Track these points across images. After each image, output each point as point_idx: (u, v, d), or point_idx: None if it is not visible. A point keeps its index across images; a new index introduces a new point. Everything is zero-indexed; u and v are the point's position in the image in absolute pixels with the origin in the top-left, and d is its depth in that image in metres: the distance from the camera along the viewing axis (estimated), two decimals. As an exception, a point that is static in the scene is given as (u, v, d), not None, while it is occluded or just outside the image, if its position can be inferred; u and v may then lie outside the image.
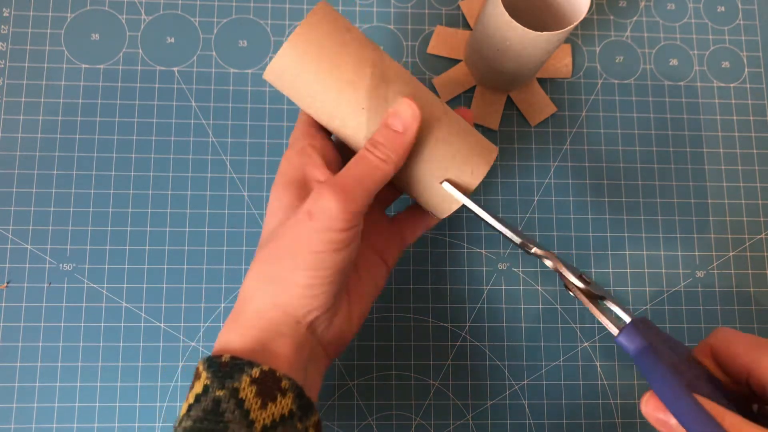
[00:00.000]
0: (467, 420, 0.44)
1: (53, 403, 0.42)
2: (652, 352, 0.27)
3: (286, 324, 0.31)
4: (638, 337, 0.28)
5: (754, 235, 0.47)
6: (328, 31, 0.31)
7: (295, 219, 0.31)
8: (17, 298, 0.43)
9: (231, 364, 0.29)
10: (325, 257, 0.30)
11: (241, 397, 0.28)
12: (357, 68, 0.31)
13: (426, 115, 0.32)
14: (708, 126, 0.49)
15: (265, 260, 0.32)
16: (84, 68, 0.46)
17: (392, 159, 0.31)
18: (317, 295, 0.31)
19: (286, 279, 0.31)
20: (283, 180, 0.33)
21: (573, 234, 0.46)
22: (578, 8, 0.40)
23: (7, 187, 0.44)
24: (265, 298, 0.31)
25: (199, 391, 0.29)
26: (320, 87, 0.32)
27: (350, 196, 0.30)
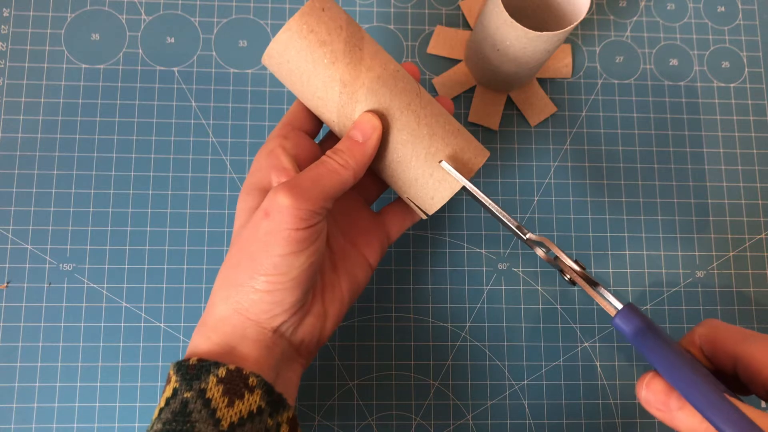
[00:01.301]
0: (467, 420, 0.44)
1: (53, 403, 0.42)
2: (653, 331, 0.28)
3: (250, 328, 0.31)
4: (636, 318, 0.28)
5: (754, 235, 0.47)
6: (321, 28, 0.32)
7: (254, 221, 0.31)
8: (17, 298, 0.43)
9: (198, 366, 0.29)
10: (284, 260, 0.30)
11: (208, 397, 0.28)
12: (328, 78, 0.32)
13: (398, 114, 0.33)
14: (708, 126, 0.49)
15: (227, 265, 0.32)
16: (84, 68, 0.46)
17: (350, 165, 0.32)
18: (279, 301, 0.31)
19: (245, 284, 0.31)
20: (249, 181, 0.34)
21: (573, 234, 0.46)
22: (578, 8, 0.40)
23: (7, 187, 0.44)
24: (228, 304, 0.31)
25: (168, 395, 0.29)
26: (305, 79, 0.32)
27: (305, 194, 0.30)
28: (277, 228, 0.30)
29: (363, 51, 0.32)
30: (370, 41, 0.33)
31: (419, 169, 0.33)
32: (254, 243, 0.30)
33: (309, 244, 0.30)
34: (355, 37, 0.32)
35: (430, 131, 0.33)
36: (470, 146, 0.34)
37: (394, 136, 0.33)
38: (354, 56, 0.32)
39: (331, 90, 0.32)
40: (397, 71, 0.34)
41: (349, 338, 0.44)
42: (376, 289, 0.45)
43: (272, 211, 0.30)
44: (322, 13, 0.32)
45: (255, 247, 0.30)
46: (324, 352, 0.44)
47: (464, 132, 0.35)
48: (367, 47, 0.32)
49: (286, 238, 0.30)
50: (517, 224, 0.33)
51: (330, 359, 0.44)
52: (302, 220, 0.30)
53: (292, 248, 0.30)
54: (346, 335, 0.44)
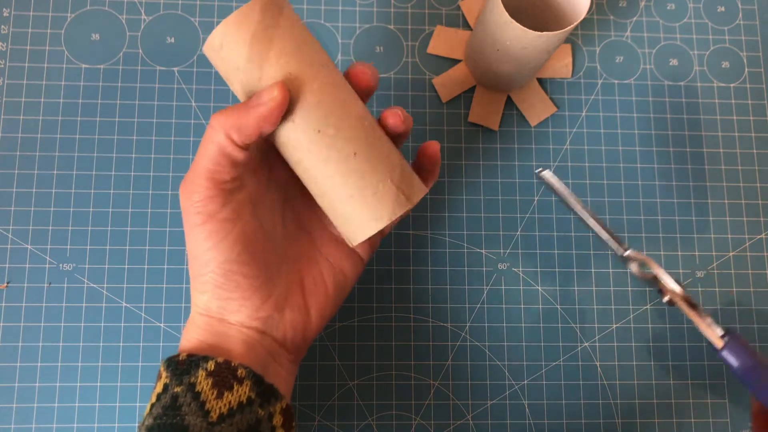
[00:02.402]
0: (467, 420, 0.44)
1: (53, 403, 0.42)
2: (762, 367, 0.27)
3: (221, 326, 0.31)
4: (745, 353, 0.27)
5: (754, 235, 0.47)
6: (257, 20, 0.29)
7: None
8: (17, 298, 0.43)
9: (187, 361, 0.30)
10: (208, 258, 0.29)
11: (198, 390, 0.29)
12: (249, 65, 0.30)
13: (318, 111, 0.30)
14: (708, 126, 0.49)
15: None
16: (84, 68, 0.46)
17: (221, 125, 0.29)
18: (227, 297, 0.30)
19: (195, 288, 0.31)
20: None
21: (573, 234, 0.46)
22: (578, 8, 0.40)
23: (7, 187, 0.44)
24: (194, 307, 0.32)
25: (159, 390, 0.30)
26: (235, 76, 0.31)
27: (190, 186, 0.29)
28: (188, 229, 0.30)
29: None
30: (271, 79, 0.30)
31: (342, 203, 0.31)
32: (188, 251, 0.31)
33: (226, 232, 0.29)
34: (252, 78, 0.30)
35: (361, 167, 0.30)
36: (401, 185, 0.32)
37: (316, 160, 0.30)
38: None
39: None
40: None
41: (349, 338, 0.44)
42: (376, 289, 0.45)
43: (182, 216, 0.30)
44: (221, 51, 0.30)
45: (189, 255, 0.31)
46: (324, 352, 0.44)
47: (399, 167, 0.32)
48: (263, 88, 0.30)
49: (197, 235, 0.29)
50: (616, 241, 0.31)
51: (330, 359, 0.44)
52: (200, 213, 0.29)
53: (209, 242, 0.29)
54: (346, 335, 0.44)
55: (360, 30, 0.48)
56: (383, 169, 0.31)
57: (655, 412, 0.44)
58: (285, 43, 0.30)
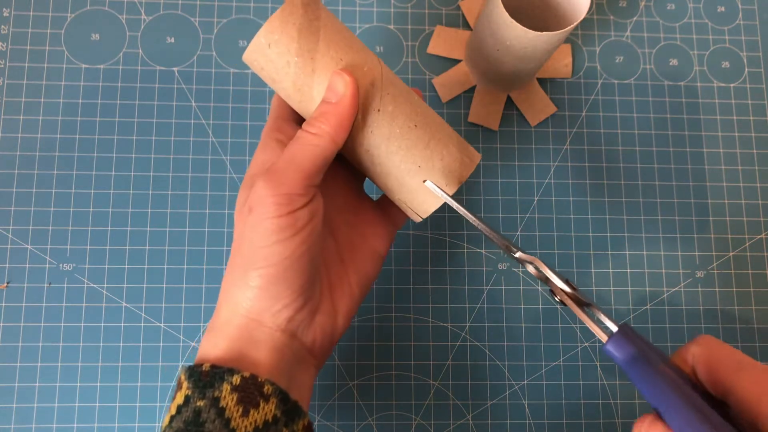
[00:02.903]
0: (467, 420, 0.44)
1: (53, 403, 0.42)
2: (644, 360, 0.27)
3: (256, 329, 0.30)
4: (628, 345, 0.27)
5: (754, 235, 0.47)
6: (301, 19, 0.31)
7: (241, 218, 0.30)
8: (17, 298, 0.43)
9: (211, 372, 0.28)
10: (272, 251, 0.29)
11: (222, 406, 0.27)
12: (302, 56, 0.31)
13: (374, 90, 0.31)
14: (708, 126, 0.49)
15: (228, 264, 0.31)
16: (84, 68, 0.46)
17: (326, 132, 0.30)
18: (277, 295, 0.29)
19: (242, 283, 0.29)
20: (246, 179, 0.32)
21: (573, 234, 0.46)
22: (578, 8, 0.40)
23: (7, 187, 0.44)
24: (229, 306, 0.30)
25: (180, 402, 0.28)
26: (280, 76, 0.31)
27: (282, 178, 0.29)
28: (259, 219, 0.29)
29: (312, 88, 0.31)
30: (325, 68, 0.31)
31: (411, 176, 0.32)
32: (243, 240, 0.30)
33: (297, 230, 0.29)
34: (305, 71, 0.31)
35: (425, 136, 0.32)
36: (462, 150, 0.33)
37: (380, 139, 0.32)
38: (304, 94, 0.31)
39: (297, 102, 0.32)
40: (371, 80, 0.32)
41: (349, 338, 0.44)
42: (376, 289, 0.45)
43: (254, 204, 0.29)
44: (268, 50, 0.30)
45: (244, 244, 0.29)
46: (324, 352, 0.44)
47: (454, 134, 0.34)
48: (318, 79, 0.31)
49: (269, 227, 0.28)
50: (506, 243, 0.32)
51: (330, 359, 0.44)
52: (281, 205, 0.28)
53: (278, 237, 0.28)
54: (346, 335, 0.44)
55: (360, 30, 0.48)
56: (443, 137, 0.33)
57: (655, 412, 0.44)
58: (330, 34, 0.31)
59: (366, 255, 0.35)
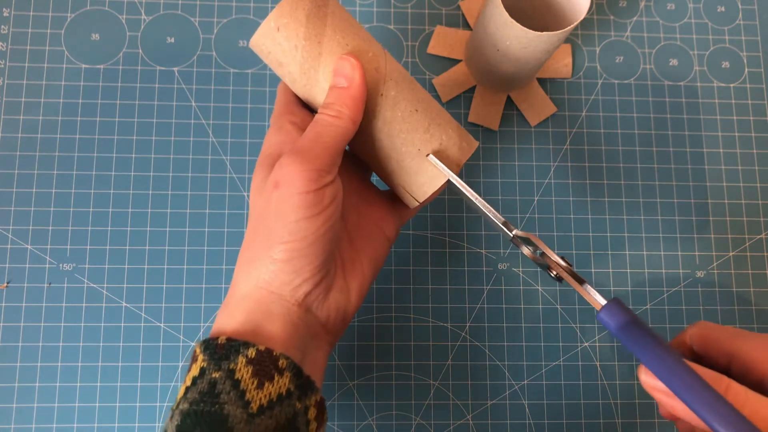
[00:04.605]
0: (467, 420, 0.44)
1: (53, 403, 0.42)
2: (638, 325, 0.28)
3: (274, 303, 0.30)
4: (621, 312, 0.28)
5: (754, 235, 0.47)
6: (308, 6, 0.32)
7: (265, 193, 0.31)
8: (17, 298, 0.43)
9: (227, 345, 0.29)
10: (299, 226, 0.29)
11: (237, 378, 0.28)
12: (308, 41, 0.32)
13: (378, 75, 0.32)
14: (708, 126, 0.49)
15: (246, 242, 0.32)
16: (84, 68, 0.46)
17: (345, 113, 0.31)
18: (299, 269, 0.30)
19: (264, 256, 0.30)
20: (261, 159, 0.33)
21: (573, 234, 0.46)
22: (578, 8, 0.40)
23: (7, 187, 0.44)
24: (249, 279, 0.31)
25: (195, 374, 0.29)
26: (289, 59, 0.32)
27: (309, 154, 0.30)
28: (287, 194, 0.29)
29: (318, 71, 0.32)
30: (331, 53, 0.32)
31: (411, 158, 0.33)
32: (268, 215, 0.30)
33: (323, 207, 0.30)
34: (311, 55, 0.32)
35: (425, 120, 0.33)
36: (461, 136, 0.34)
37: (382, 122, 0.33)
38: (310, 78, 0.32)
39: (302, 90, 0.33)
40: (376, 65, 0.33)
41: (349, 338, 0.44)
42: (376, 289, 0.45)
43: (280, 179, 0.30)
44: (277, 34, 0.32)
45: (269, 219, 0.30)
46: (324, 352, 0.44)
47: (453, 121, 0.35)
48: (324, 63, 0.32)
49: (298, 202, 0.29)
50: (503, 220, 0.33)
51: (330, 359, 0.44)
52: (311, 181, 0.29)
53: (306, 212, 0.29)
54: (346, 335, 0.44)
55: (360, 30, 0.48)
56: (442, 122, 0.34)
57: (655, 412, 0.44)
58: (336, 20, 0.32)
59: (375, 237, 0.36)
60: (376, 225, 0.36)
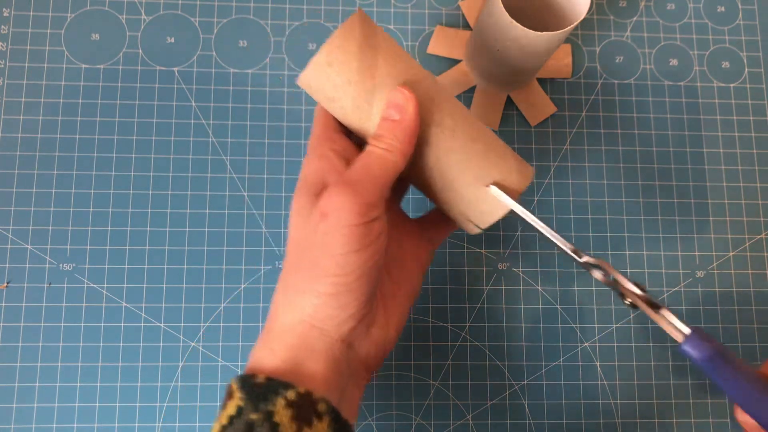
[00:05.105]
0: (467, 420, 0.44)
1: (53, 403, 0.42)
2: (724, 356, 0.27)
3: (317, 339, 0.29)
4: (706, 343, 0.28)
5: (754, 235, 0.47)
6: (359, 39, 0.31)
7: (311, 223, 0.30)
8: (17, 298, 0.43)
9: (266, 385, 0.28)
10: (347, 259, 0.29)
11: (276, 421, 0.27)
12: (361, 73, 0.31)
13: (432, 106, 0.31)
14: (708, 126, 0.49)
15: (288, 270, 0.31)
16: (84, 68, 0.46)
17: (396, 147, 0.30)
18: (345, 304, 0.29)
19: (309, 289, 0.29)
20: (302, 186, 0.32)
21: (573, 234, 0.46)
22: (578, 8, 0.40)
23: (7, 187, 0.44)
24: (292, 311, 0.30)
25: (232, 413, 0.28)
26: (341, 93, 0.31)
27: (360, 187, 0.29)
28: (335, 226, 0.29)
29: (372, 105, 0.31)
30: (384, 86, 0.31)
31: (471, 188, 0.32)
32: (314, 246, 0.29)
33: (370, 241, 0.29)
34: (365, 89, 0.31)
35: (483, 149, 0.32)
36: (518, 163, 0.33)
37: (440, 153, 0.32)
38: (363, 112, 0.31)
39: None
40: (428, 90, 0.32)
41: (349, 338, 0.44)
42: (376, 289, 0.45)
43: (329, 210, 0.29)
44: (329, 69, 0.30)
45: (315, 250, 0.29)
46: (324, 352, 0.44)
47: (509, 148, 0.34)
48: (378, 95, 0.31)
49: (346, 235, 0.28)
50: (572, 247, 0.32)
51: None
52: (360, 214, 0.29)
53: (354, 246, 0.29)
54: (346, 335, 0.44)
55: (360, 30, 0.48)
56: (499, 150, 0.33)
57: (655, 412, 0.44)
58: (387, 51, 0.31)
59: (412, 268, 0.35)
60: (412, 255, 0.36)
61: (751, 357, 0.46)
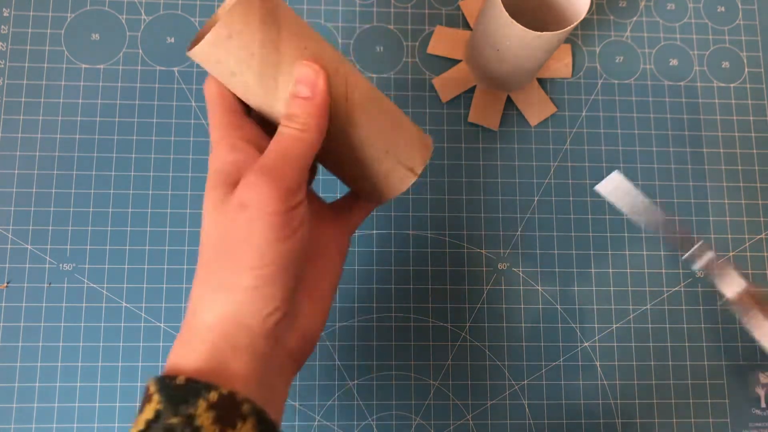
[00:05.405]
0: (467, 420, 0.44)
1: (53, 403, 0.42)
2: None
3: (240, 335, 0.28)
4: None
5: (754, 235, 0.47)
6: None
7: (229, 215, 0.28)
8: (17, 298, 0.43)
9: (186, 387, 0.26)
10: (268, 249, 0.27)
11: (198, 425, 0.25)
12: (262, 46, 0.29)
13: (339, 79, 0.30)
14: (708, 126, 0.49)
15: (205, 267, 0.29)
16: (84, 68, 0.46)
17: (311, 125, 0.29)
18: (270, 296, 0.28)
19: (230, 283, 0.28)
20: (216, 180, 0.30)
21: (573, 234, 0.46)
22: (578, 8, 0.40)
23: (7, 187, 0.44)
24: (213, 308, 0.28)
25: (150, 417, 0.26)
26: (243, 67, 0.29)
27: (278, 173, 0.28)
28: (256, 215, 0.27)
29: (278, 80, 0.29)
30: (291, 58, 0.29)
31: (381, 160, 0.32)
32: (233, 238, 0.28)
33: (294, 228, 0.28)
34: (269, 62, 0.29)
35: (390, 120, 0.32)
36: (419, 133, 0.33)
37: (350, 127, 0.31)
38: (268, 87, 0.30)
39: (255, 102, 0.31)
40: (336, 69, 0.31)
41: (349, 338, 0.44)
42: (376, 288, 0.45)
43: (247, 200, 0.28)
44: (229, 42, 0.28)
45: (234, 242, 0.28)
46: (324, 352, 0.44)
47: (407, 118, 0.34)
48: (284, 71, 0.29)
49: (268, 223, 0.27)
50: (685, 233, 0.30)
51: (330, 359, 0.44)
52: (282, 201, 0.27)
53: (277, 234, 0.27)
54: (346, 335, 0.44)
55: (360, 30, 0.48)
56: (404, 123, 0.33)
57: (655, 412, 0.44)
58: (290, 24, 0.30)
59: (333, 255, 0.34)
60: (333, 242, 0.34)
61: (751, 357, 0.46)
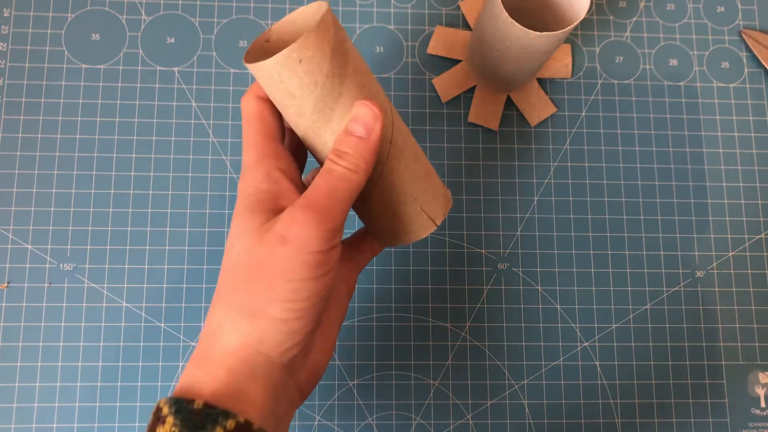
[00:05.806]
0: (467, 420, 0.44)
1: (53, 403, 0.42)
2: None
3: (259, 365, 0.28)
4: None
5: (754, 235, 0.47)
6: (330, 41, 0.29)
7: (267, 245, 0.28)
8: (17, 298, 0.43)
9: (204, 412, 0.26)
10: (304, 286, 0.27)
11: None
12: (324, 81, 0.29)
13: (387, 122, 0.30)
14: (708, 126, 0.49)
15: (235, 290, 0.29)
16: (84, 68, 0.46)
17: (361, 167, 0.29)
18: (295, 330, 0.28)
19: (260, 312, 0.28)
20: (249, 204, 0.29)
21: (573, 234, 0.46)
22: (578, 8, 0.40)
23: (7, 187, 0.44)
24: (236, 333, 0.28)
25: None
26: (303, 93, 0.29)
27: (326, 214, 0.27)
28: (297, 252, 0.27)
29: (334, 111, 0.29)
30: (350, 94, 0.29)
31: (407, 206, 0.32)
32: (269, 268, 0.28)
33: (329, 268, 0.28)
34: (331, 94, 0.28)
35: (423, 169, 0.32)
36: (443, 188, 0.34)
37: (387, 171, 0.31)
38: (323, 116, 0.29)
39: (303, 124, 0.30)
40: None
41: (349, 338, 0.44)
42: (376, 289, 0.45)
43: (291, 236, 0.27)
44: (298, 66, 0.27)
45: (270, 272, 0.27)
46: (324, 352, 0.44)
47: (434, 171, 0.34)
48: (342, 103, 0.29)
49: (308, 262, 0.27)
50: None
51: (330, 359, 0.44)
52: (325, 241, 0.27)
53: (314, 273, 0.28)
54: (346, 335, 0.44)
55: (360, 30, 0.48)
56: (432, 173, 0.33)
57: (655, 412, 0.44)
58: (355, 58, 0.29)
59: (342, 294, 0.34)
60: (343, 280, 0.34)
61: (751, 357, 0.46)
